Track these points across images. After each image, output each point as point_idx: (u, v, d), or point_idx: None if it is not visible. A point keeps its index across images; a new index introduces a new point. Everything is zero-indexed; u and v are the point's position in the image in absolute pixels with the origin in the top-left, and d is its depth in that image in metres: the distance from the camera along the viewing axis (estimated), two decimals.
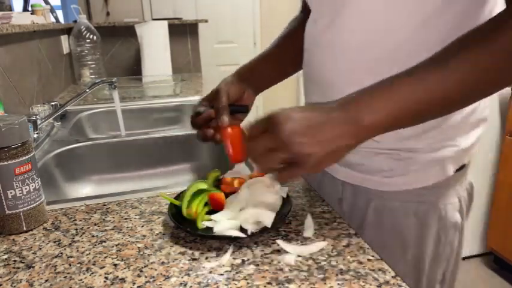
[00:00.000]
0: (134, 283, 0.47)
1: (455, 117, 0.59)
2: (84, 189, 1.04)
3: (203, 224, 0.56)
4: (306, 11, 0.76)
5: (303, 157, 0.46)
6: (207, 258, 0.52)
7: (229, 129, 0.65)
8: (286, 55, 0.78)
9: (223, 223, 0.55)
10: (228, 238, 0.54)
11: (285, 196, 0.61)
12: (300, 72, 0.77)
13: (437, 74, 0.45)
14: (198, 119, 0.68)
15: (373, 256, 0.51)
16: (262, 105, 3.91)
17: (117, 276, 0.48)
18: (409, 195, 0.63)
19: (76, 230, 0.60)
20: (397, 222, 0.65)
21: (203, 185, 0.63)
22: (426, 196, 0.63)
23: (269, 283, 0.46)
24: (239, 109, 0.71)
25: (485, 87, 0.47)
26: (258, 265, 0.49)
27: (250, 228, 0.54)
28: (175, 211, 0.60)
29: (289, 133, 0.45)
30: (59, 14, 2.43)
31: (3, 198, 0.58)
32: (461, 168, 0.67)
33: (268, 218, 0.54)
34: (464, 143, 0.62)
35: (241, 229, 0.54)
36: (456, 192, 0.67)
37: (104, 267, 0.50)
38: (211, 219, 0.56)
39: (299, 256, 0.51)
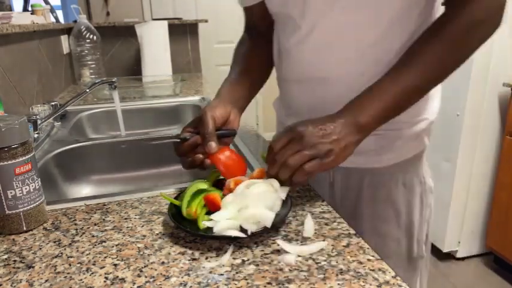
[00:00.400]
0: (134, 283, 0.47)
1: None
2: (84, 189, 1.04)
3: (203, 223, 0.56)
4: (251, 31, 0.86)
5: (325, 153, 0.56)
6: (207, 258, 0.52)
7: (218, 156, 0.64)
8: (254, 71, 0.82)
9: (223, 223, 0.55)
10: (228, 238, 0.54)
11: (284, 198, 0.61)
12: None
13: (405, 72, 0.59)
14: (183, 145, 0.66)
15: (373, 256, 0.51)
16: (262, 102, 3.92)
17: (117, 276, 0.48)
18: (396, 168, 0.75)
19: (76, 230, 0.60)
20: (390, 193, 0.76)
21: (203, 185, 0.63)
22: (409, 166, 0.76)
23: (269, 283, 0.46)
24: (226, 134, 0.70)
25: (444, 70, 0.61)
26: (258, 265, 0.49)
27: (250, 228, 0.54)
28: (175, 211, 0.60)
29: (312, 135, 0.56)
30: (59, 14, 2.43)
31: (3, 198, 0.58)
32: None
33: (268, 219, 0.54)
34: (431, 116, 0.75)
35: (242, 229, 0.54)
36: (425, 162, 0.81)
37: (104, 267, 0.50)
38: (211, 219, 0.56)
39: (299, 256, 0.51)
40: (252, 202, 0.56)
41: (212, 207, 0.59)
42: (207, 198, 0.59)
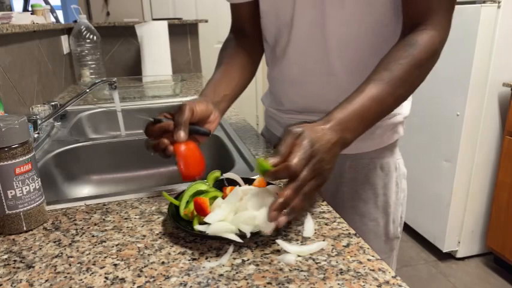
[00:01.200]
0: (134, 283, 0.47)
1: None
2: (84, 189, 1.04)
3: (196, 227, 0.55)
4: (238, 30, 0.89)
5: (326, 179, 0.55)
6: (207, 258, 0.52)
7: (182, 146, 0.63)
8: (238, 73, 0.83)
9: (216, 225, 0.54)
10: (227, 238, 0.53)
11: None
12: None
13: (381, 89, 0.61)
14: (154, 127, 0.66)
15: (373, 256, 0.51)
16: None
17: (117, 276, 0.48)
18: (374, 153, 0.83)
19: (76, 230, 0.60)
20: (369, 175, 0.84)
21: (203, 186, 0.63)
22: (386, 153, 0.84)
23: (269, 283, 0.46)
24: (200, 131, 0.68)
25: (413, 84, 0.65)
26: (258, 265, 0.49)
27: (248, 229, 0.53)
28: (175, 211, 0.60)
29: (323, 164, 0.54)
30: (59, 14, 2.43)
31: (3, 198, 0.58)
32: None
33: (268, 226, 0.52)
34: (406, 111, 0.84)
35: (240, 232, 0.53)
36: (399, 151, 0.88)
37: (104, 267, 0.50)
38: (204, 222, 0.55)
39: (299, 256, 0.51)
40: (251, 204, 0.56)
41: (200, 212, 0.57)
42: (195, 201, 0.58)
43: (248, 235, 0.52)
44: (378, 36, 0.72)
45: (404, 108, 0.84)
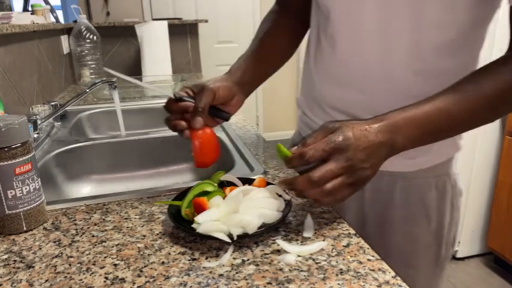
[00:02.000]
0: (134, 283, 0.47)
1: None
2: (84, 189, 1.04)
3: (193, 226, 0.55)
4: (282, 4, 0.81)
5: (363, 181, 0.52)
6: (207, 258, 0.52)
7: (199, 132, 0.62)
8: (272, 54, 0.78)
9: (207, 224, 0.54)
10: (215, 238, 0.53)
11: (282, 208, 0.59)
12: (299, 69, 0.78)
13: (456, 104, 0.54)
14: (175, 104, 0.65)
15: (373, 256, 0.51)
16: (262, 102, 3.92)
17: (117, 276, 0.48)
18: (429, 171, 0.71)
19: (76, 230, 0.60)
20: (423, 197, 0.73)
21: (209, 187, 0.61)
22: (442, 170, 0.73)
23: (269, 283, 0.46)
24: (220, 115, 0.67)
25: (506, 107, 0.56)
26: (258, 265, 0.49)
27: (235, 232, 0.53)
28: (175, 211, 0.60)
29: (356, 161, 0.50)
30: (59, 14, 2.43)
31: (3, 198, 0.58)
32: None
33: (251, 225, 0.52)
34: None
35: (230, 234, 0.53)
36: (455, 164, 0.77)
37: (104, 267, 0.50)
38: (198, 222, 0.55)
39: (299, 256, 0.51)
40: (243, 207, 0.56)
41: (199, 211, 0.57)
42: (194, 202, 0.58)
43: (235, 237, 0.52)
44: (455, 42, 0.62)
45: None
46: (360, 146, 0.50)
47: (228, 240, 0.52)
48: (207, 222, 0.54)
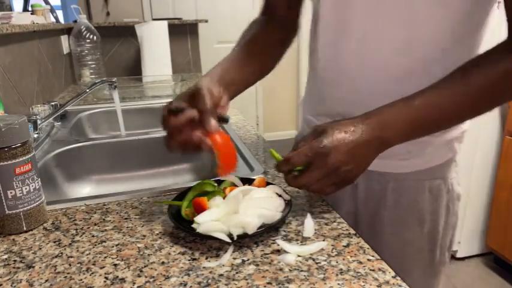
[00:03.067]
0: (134, 283, 0.47)
1: None
2: (84, 189, 1.04)
3: (193, 226, 0.55)
4: (268, 12, 0.79)
5: (347, 180, 0.55)
6: (207, 258, 0.52)
7: (217, 136, 0.57)
8: (255, 60, 0.73)
9: (207, 224, 0.54)
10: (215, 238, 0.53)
11: (282, 208, 0.59)
12: (301, 71, 0.77)
13: (448, 96, 0.53)
14: (177, 119, 0.56)
15: (373, 256, 0.51)
16: (262, 102, 3.91)
17: (117, 276, 0.48)
18: (422, 174, 0.70)
19: (76, 230, 0.60)
20: (415, 200, 0.71)
21: (209, 187, 0.61)
22: (437, 173, 0.71)
23: (269, 283, 0.46)
24: (221, 117, 0.60)
25: (497, 99, 0.56)
26: (258, 265, 0.49)
27: (235, 232, 0.53)
28: (175, 211, 0.60)
29: (338, 164, 0.52)
30: (59, 14, 2.43)
31: (3, 198, 0.58)
32: None
33: (251, 226, 0.53)
34: (465, 125, 0.71)
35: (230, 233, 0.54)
36: (455, 168, 0.75)
37: (104, 267, 0.50)
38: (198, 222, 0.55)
39: (299, 256, 0.51)
40: (243, 207, 0.56)
41: (199, 212, 0.57)
42: (194, 202, 0.58)
43: (235, 237, 0.52)
44: (446, 45, 0.60)
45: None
46: (341, 149, 0.52)
47: (228, 240, 0.52)
48: (207, 222, 0.54)
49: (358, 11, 0.62)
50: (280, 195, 0.61)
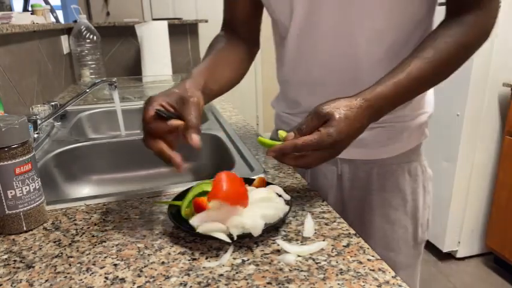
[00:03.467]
0: (134, 283, 0.47)
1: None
2: (84, 189, 1.04)
3: (191, 221, 0.55)
4: (229, 27, 0.84)
5: (339, 153, 0.57)
6: (207, 258, 0.52)
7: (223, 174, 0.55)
8: (225, 70, 0.75)
9: (206, 224, 0.54)
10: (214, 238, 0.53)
11: (282, 207, 0.59)
12: None
13: (424, 67, 0.60)
14: (163, 125, 0.56)
15: (373, 256, 0.51)
16: (262, 102, 3.91)
17: (117, 276, 0.48)
18: (402, 158, 0.79)
19: (76, 230, 0.60)
20: (398, 181, 0.80)
21: (209, 187, 0.61)
22: (413, 156, 0.81)
23: (269, 283, 0.46)
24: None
25: (458, 64, 0.64)
26: (258, 265, 0.49)
27: (235, 232, 0.53)
28: (175, 211, 0.60)
29: (340, 149, 0.56)
30: (59, 14, 2.43)
31: (3, 198, 0.58)
32: None
33: (257, 227, 0.53)
34: (430, 109, 0.80)
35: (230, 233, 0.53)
36: (423, 151, 0.85)
37: (104, 267, 0.50)
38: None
39: (299, 256, 0.51)
40: (245, 209, 0.56)
41: (198, 211, 0.56)
42: (195, 202, 0.57)
43: (235, 238, 0.52)
44: (410, 29, 0.68)
45: (429, 106, 0.80)
46: (345, 137, 0.55)
47: (228, 240, 0.52)
48: (204, 224, 0.54)
49: (328, 7, 0.67)
50: (280, 195, 0.61)
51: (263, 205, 0.57)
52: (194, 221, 0.54)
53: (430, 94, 0.81)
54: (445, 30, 0.62)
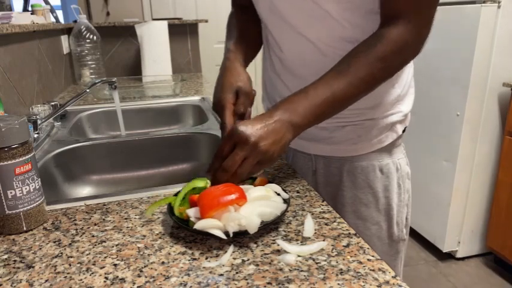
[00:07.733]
0: (134, 283, 0.47)
1: (394, 91, 0.77)
2: (84, 189, 1.04)
3: (190, 218, 0.55)
4: (238, 5, 0.89)
5: (267, 156, 0.59)
6: (207, 258, 0.52)
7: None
8: (252, 37, 0.84)
9: (204, 221, 0.54)
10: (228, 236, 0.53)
11: (281, 206, 0.59)
12: None
13: (338, 79, 0.62)
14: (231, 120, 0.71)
15: (373, 256, 0.51)
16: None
17: (117, 276, 0.48)
18: (372, 155, 0.81)
19: (76, 230, 0.60)
20: (368, 178, 0.81)
21: (201, 183, 0.62)
22: (385, 154, 0.82)
23: (269, 283, 0.46)
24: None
25: (375, 78, 0.64)
26: (258, 265, 0.49)
27: (231, 229, 0.53)
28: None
29: (256, 140, 0.58)
30: (59, 14, 2.43)
31: (3, 198, 0.58)
32: (404, 130, 0.84)
33: (253, 225, 0.53)
34: (405, 108, 0.80)
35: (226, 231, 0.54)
36: (401, 150, 0.86)
37: (104, 267, 0.50)
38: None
39: (299, 256, 0.51)
40: (242, 207, 0.56)
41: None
42: (191, 199, 0.58)
43: (231, 234, 0.52)
44: (368, 25, 0.69)
45: (403, 106, 0.80)
46: (257, 126, 0.58)
47: (223, 237, 0.52)
48: (204, 219, 0.54)
49: (288, 13, 0.72)
50: (278, 194, 0.61)
51: (260, 203, 0.57)
52: (191, 211, 0.56)
53: (408, 94, 0.81)
54: (362, 45, 0.64)
